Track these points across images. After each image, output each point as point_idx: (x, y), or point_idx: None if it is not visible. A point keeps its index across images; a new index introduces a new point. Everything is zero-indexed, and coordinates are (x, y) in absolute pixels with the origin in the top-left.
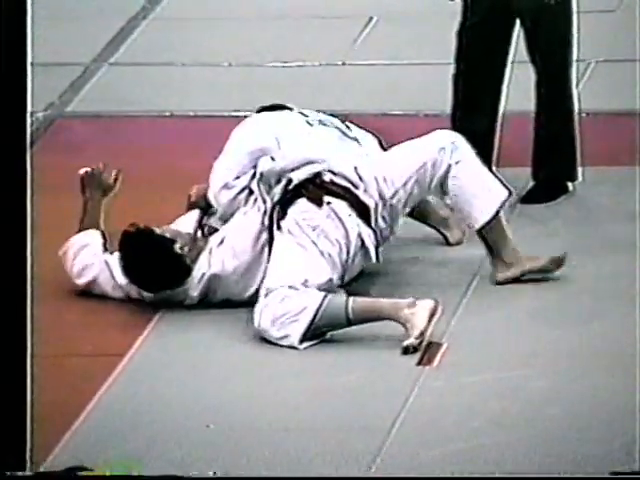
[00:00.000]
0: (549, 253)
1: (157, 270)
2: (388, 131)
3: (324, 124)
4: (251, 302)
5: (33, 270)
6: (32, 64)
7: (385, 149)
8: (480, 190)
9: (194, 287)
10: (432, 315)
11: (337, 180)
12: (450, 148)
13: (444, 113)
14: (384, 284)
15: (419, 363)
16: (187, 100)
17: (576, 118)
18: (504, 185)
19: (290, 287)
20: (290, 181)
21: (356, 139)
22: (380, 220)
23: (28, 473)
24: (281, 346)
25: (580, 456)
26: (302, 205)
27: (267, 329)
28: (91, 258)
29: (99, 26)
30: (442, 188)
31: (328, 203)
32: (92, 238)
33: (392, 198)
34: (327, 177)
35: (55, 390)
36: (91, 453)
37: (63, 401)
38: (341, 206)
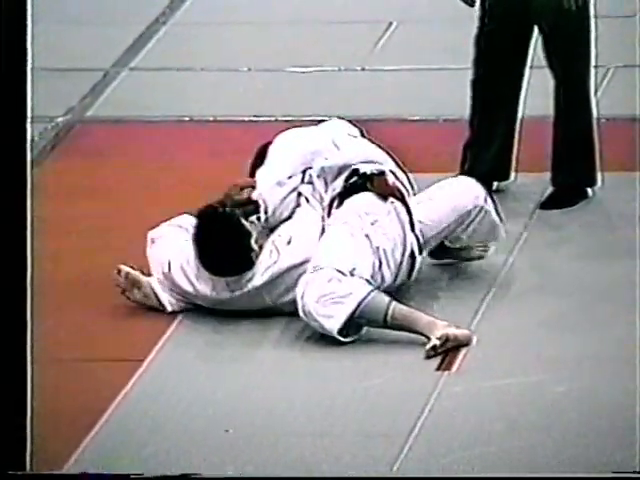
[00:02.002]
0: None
1: (227, 257)
2: (408, 136)
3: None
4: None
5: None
6: (51, 69)
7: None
8: None
9: (257, 278)
10: (463, 340)
11: (398, 184)
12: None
13: (463, 118)
14: (402, 290)
15: (438, 368)
16: (206, 105)
17: (595, 123)
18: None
19: (338, 270)
20: (354, 173)
21: None
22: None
23: (28, 473)
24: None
25: (598, 459)
26: (365, 198)
27: (311, 305)
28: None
29: (119, 31)
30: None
31: (392, 202)
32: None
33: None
34: (390, 178)
35: (75, 395)
36: (111, 457)
37: (83, 405)
38: (401, 209)
